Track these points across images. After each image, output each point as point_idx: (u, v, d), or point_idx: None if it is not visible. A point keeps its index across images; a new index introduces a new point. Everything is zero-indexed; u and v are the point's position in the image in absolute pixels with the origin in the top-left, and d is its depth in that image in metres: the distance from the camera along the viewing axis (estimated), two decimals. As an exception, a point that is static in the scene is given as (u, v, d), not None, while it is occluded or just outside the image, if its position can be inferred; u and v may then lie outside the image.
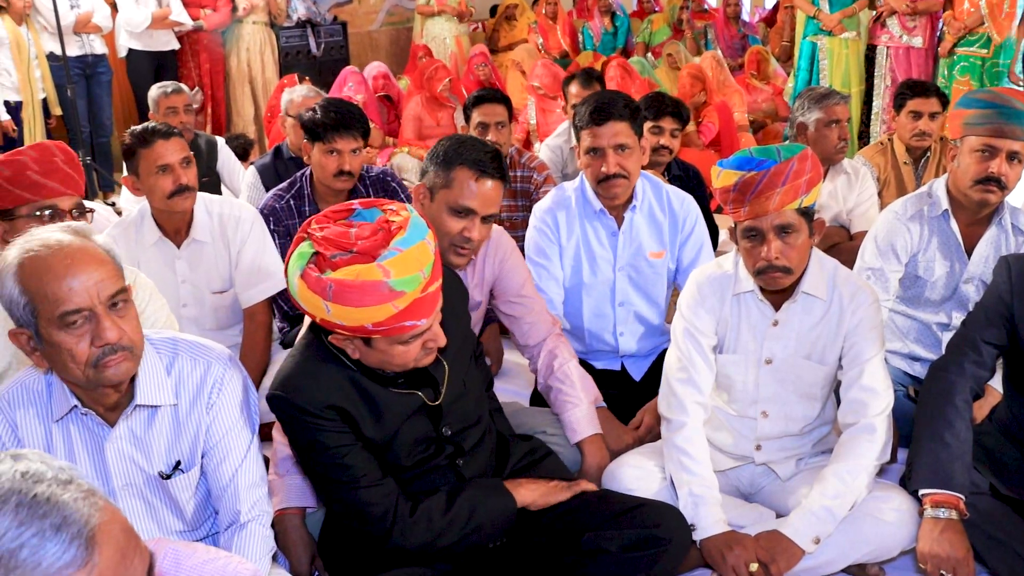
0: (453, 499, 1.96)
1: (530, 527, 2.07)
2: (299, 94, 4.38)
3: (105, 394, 1.72)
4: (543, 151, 4.65)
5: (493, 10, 9.67)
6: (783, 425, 2.32)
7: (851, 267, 2.74)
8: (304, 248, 1.72)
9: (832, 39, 6.24)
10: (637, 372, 2.99)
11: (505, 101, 4.02)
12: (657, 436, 2.49)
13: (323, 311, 1.68)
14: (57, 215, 2.27)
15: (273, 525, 1.96)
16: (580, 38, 9.20)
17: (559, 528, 2.06)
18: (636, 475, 2.32)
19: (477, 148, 2.30)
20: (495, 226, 2.58)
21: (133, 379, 1.74)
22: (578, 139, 2.77)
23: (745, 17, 9.58)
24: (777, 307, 2.24)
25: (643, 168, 2.87)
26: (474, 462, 2.06)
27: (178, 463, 1.84)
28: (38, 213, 2.26)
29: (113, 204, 5.20)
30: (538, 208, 2.93)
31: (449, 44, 8.44)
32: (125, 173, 2.90)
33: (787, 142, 4.02)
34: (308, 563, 2.18)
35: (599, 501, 2.13)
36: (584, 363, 2.82)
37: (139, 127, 2.88)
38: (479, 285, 2.63)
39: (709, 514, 2.15)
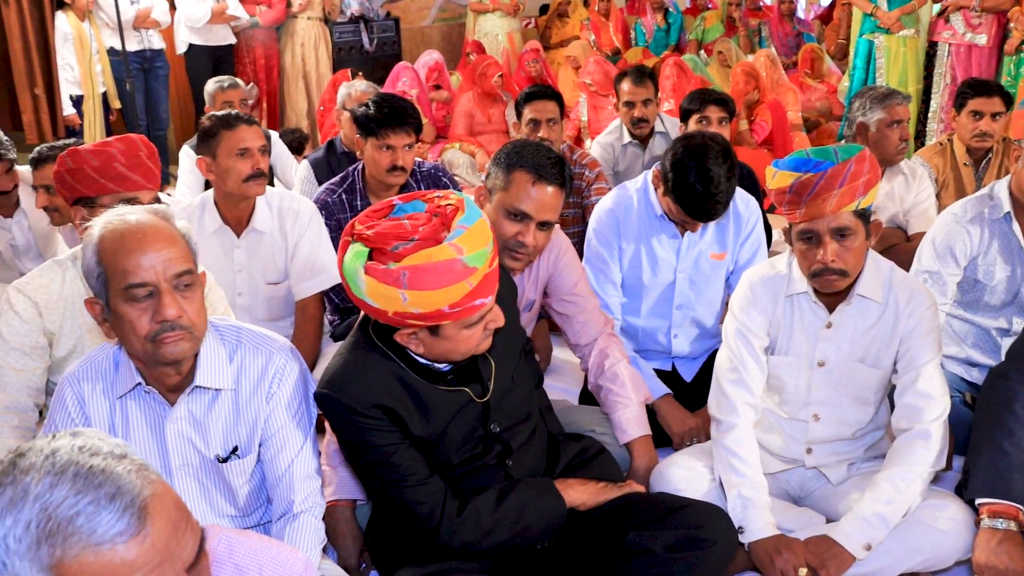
0: (502, 498, 1.95)
1: (576, 526, 2.06)
2: (357, 89, 4.42)
3: (166, 373, 1.75)
4: (594, 148, 4.63)
5: (544, 8, 9.66)
6: (835, 429, 2.29)
7: (908, 268, 2.70)
8: (357, 249, 1.72)
9: (889, 37, 6.12)
10: (688, 373, 2.97)
11: (557, 98, 4.01)
12: (707, 436, 2.47)
13: (398, 302, 1.67)
14: None
15: (324, 517, 1.98)
16: (632, 35, 9.14)
17: (604, 527, 2.05)
18: (684, 475, 2.31)
19: (539, 153, 2.30)
20: None
21: (195, 362, 1.78)
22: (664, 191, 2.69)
23: (800, 14, 9.45)
24: (831, 309, 2.21)
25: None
26: (523, 460, 2.05)
27: (235, 448, 1.88)
28: (119, 204, 2.31)
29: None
30: (599, 208, 2.90)
31: (501, 40, 8.44)
32: (183, 158, 2.96)
33: (843, 142, 3.97)
34: (357, 555, 2.20)
35: (644, 501, 2.13)
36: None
37: (222, 112, 2.97)
38: (533, 284, 2.62)
39: (758, 517, 2.13)
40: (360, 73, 6.42)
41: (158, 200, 2.40)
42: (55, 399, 1.85)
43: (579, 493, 2.08)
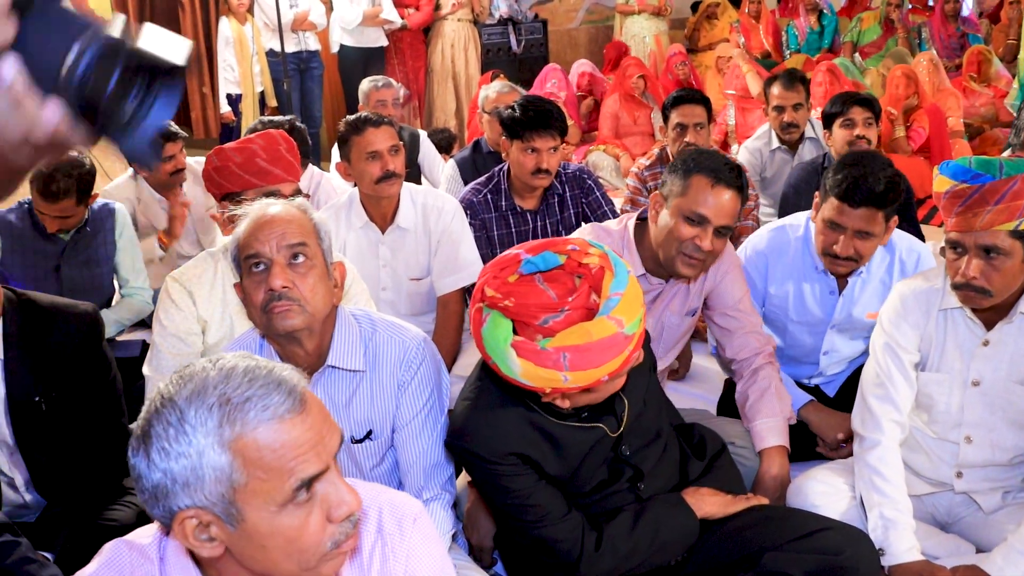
0: (636, 521, 1.92)
1: (705, 538, 2.02)
2: (494, 90, 4.49)
3: (295, 353, 1.84)
4: (742, 153, 4.55)
5: (695, 7, 9.53)
6: (989, 453, 2.17)
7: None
8: (498, 322, 1.66)
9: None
10: (831, 388, 2.88)
11: (704, 102, 3.96)
12: (849, 453, 2.39)
13: (559, 382, 1.62)
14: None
15: (455, 506, 2.02)
16: (784, 37, 8.91)
17: (737, 543, 1.99)
18: (822, 491, 2.24)
19: (717, 159, 2.29)
20: None
21: (329, 344, 1.86)
22: (823, 198, 2.52)
23: (965, 13, 8.96)
24: (989, 326, 2.09)
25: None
26: (654, 482, 2.01)
27: (369, 432, 1.94)
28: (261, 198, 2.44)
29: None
30: (750, 244, 2.79)
31: (648, 43, 8.38)
32: (335, 156, 3.08)
33: (1009, 152, 3.75)
34: (492, 538, 2.22)
35: (780, 518, 2.06)
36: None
37: (353, 116, 3.07)
38: (698, 292, 2.58)
39: (901, 539, 2.04)
40: (501, 74, 6.52)
41: (299, 192, 2.49)
42: None
43: (710, 506, 2.02)
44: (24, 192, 3.67)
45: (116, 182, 4.10)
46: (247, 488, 1.06)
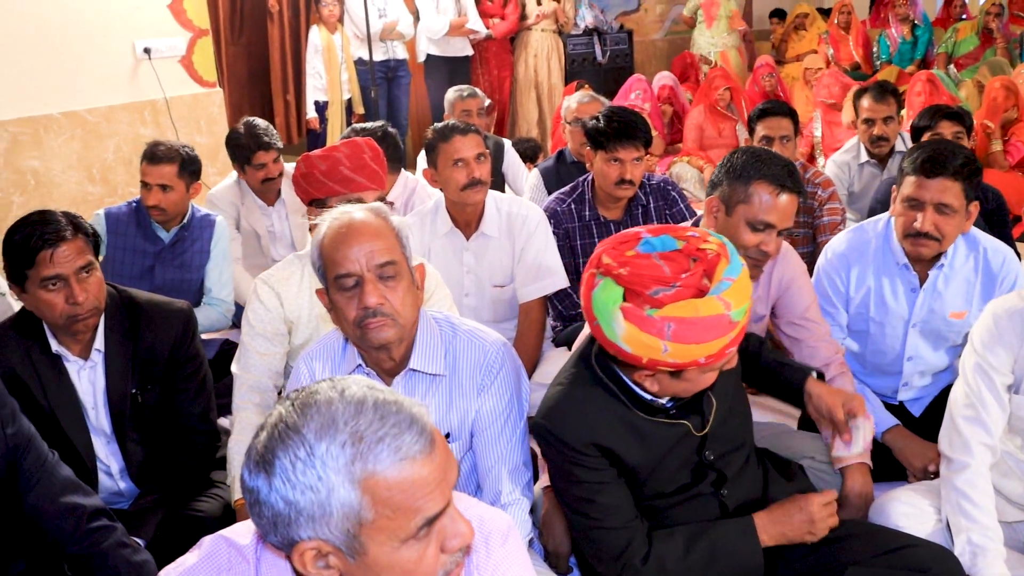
0: (691, 545, 1.89)
1: (788, 551, 1.98)
2: (576, 100, 4.50)
3: (380, 358, 1.87)
4: (829, 167, 4.48)
5: (776, 12, 9.38)
6: (1086, 480, 2.10)
7: None
8: (609, 287, 1.68)
9: None
10: (917, 408, 2.81)
11: (791, 114, 3.91)
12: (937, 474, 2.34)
13: (658, 351, 1.63)
14: None
15: (532, 510, 2.04)
16: (875, 48, 8.72)
17: (821, 556, 1.96)
18: (907, 512, 2.19)
19: (774, 162, 2.27)
20: (786, 244, 2.54)
21: (411, 347, 1.89)
22: (899, 182, 2.56)
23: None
24: (1091, 350, 2.03)
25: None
26: (738, 489, 2.00)
27: (447, 435, 1.96)
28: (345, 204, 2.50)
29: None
30: (831, 250, 2.77)
31: (714, 56, 8.27)
32: (421, 163, 3.14)
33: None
34: (568, 543, 2.22)
35: (864, 533, 2.02)
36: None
37: (440, 124, 3.13)
38: (763, 299, 2.58)
39: (990, 567, 1.97)
40: (587, 84, 6.53)
41: (383, 199, 2.52)
42: (293, 373, 2.05)
43: (778, 535, 1.95)
44: (130, 193, 3.84)
45: (221, 185, 4.22)
46: (373, 525, 1.07)
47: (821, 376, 2.32)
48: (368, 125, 3.96)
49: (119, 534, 1.94)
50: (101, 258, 2.85)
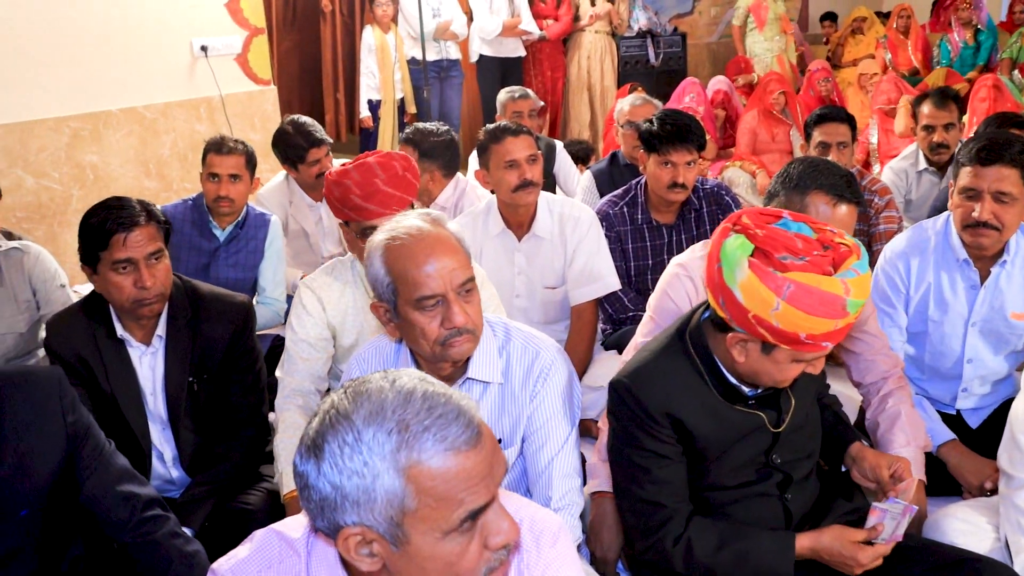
0: (726, 542, 1.88)
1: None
2: (628, 103, 4.49)
3: (442, 367, 1.86)
4: (886, 173, 4.41)
5: (830, 16, 9.23)
6: None
7: None
8: (742, 241, 1.70)
9: None
10: (975, 420, 2.75)
11: (849, 120, 3.85)
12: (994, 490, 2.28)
13: (768, 308, 1.64)
14: None
15: (581, 516, 2.02)
16: (935, 53, 8.54)
17: (872, 571, 1.90)
18: (963, 530, 2.14)
19: (832, 172, 2.23)
20: None
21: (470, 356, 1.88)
22: (955, 176, 2.53)
23: None
24: None
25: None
26: (802, 495, 1.98)
27: (499, 440, 1.94)
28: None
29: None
30: (890, 249, 2.74)
31: (770, 63, 8.15)
32: (472, 163, 3.14)
33: None
34: (616, 550, 2.22)
35: (920, 548, 1.98)
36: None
37: (492, 125, 3.14)
38: None
39: (1052, 588, 1.93)
40: (639, 86, 6.50)
41: (411, 206, 2.49)
42: (344, 376, 2.06)
43: (823, 555, 1.89)
44: (185, 193, 3.90)
45: (270, 184, 4.26)
46: (416, 514, 1.08)
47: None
48: (429, 125, 3.97)
49: (172, 524, 1.97)
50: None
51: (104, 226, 2.25)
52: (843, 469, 2.16)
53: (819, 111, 3.94)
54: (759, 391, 1.87)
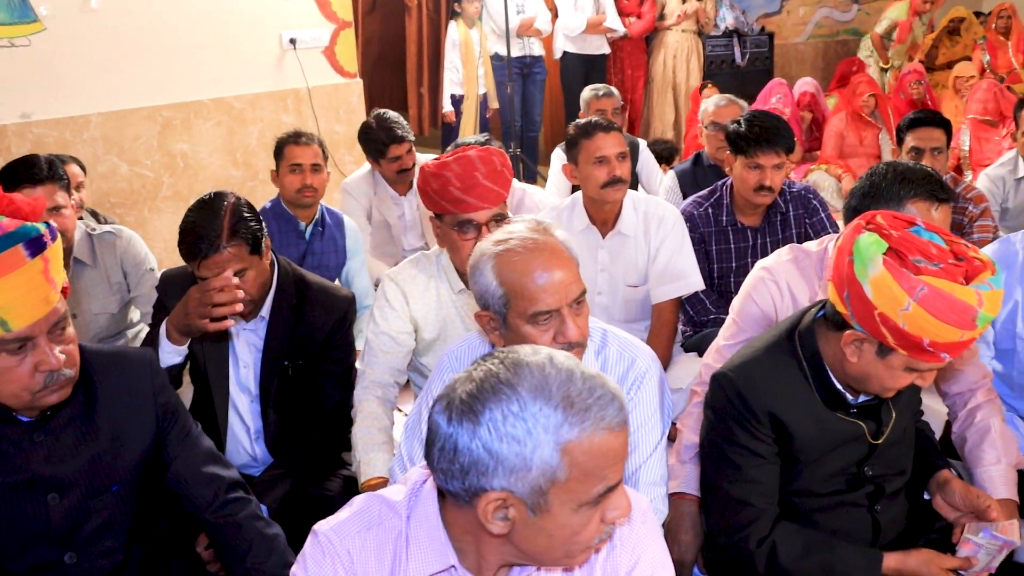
0: (811, 551, 1.85)
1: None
2: (713, 103, 4.42)
3: None
4: (982, 180, 4.27)
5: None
6: None
7: None
8: (875, 239, 1.66)
9: None
10: (1073, 436, 2.65)
11: (944, 125, 3.74)
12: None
13: (897, 307, 1.61)
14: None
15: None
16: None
17: None
18: (1058, 553, 2.07)
19: (922, 175, 2.16)
20: None
21: None
22: None
23: None
24: None
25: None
26: (892, 510, 1.94)
27: None
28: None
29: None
30: None
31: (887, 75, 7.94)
32: (555, 160, 3.12)
33: None
34: (694, 553, 2.21)
35: (1013, 571, 1.94)
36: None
37: (583, 120, 3.13)
38: None
39: None
40: (709, 85, 6.41)
41: (503, 216, 2.43)
42: (435, 370, 2.04)
43: (917, 563, 1.88)
44: (270, 183, 3.96)
45: (355, 175, 4.32)
46: (563, 486, 1.14)
47: None
48: (469, 139, 3.88)
49: (253, 506, 2.00)
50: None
51: (189, 250, 2.26)
52: (925, 496, 2.10)
53: (913, 115, 3.83)
54: (861, 400, 1.83)
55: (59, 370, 1.64)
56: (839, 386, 1.82)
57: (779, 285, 2.42)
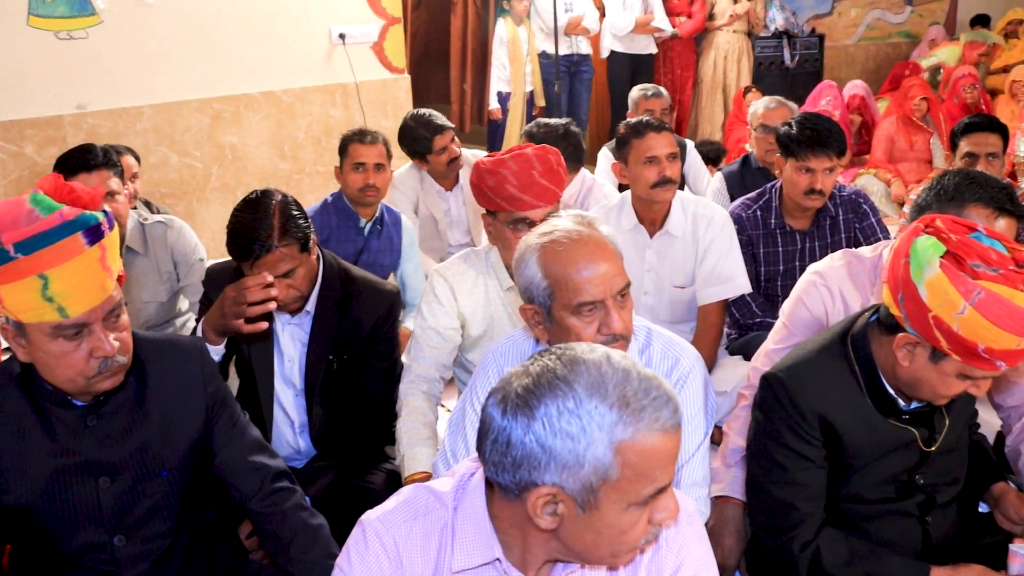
0: (857, 559, 1.83)
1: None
2: (762, 105, 4.37)
3: None
4: (1038, 188, 4.17)
5: (981, 19, 8.79)
6: None
7: None
8: (933, 242, 1.64)
9: None
10: None
11: (1001, 130, 3.66)
12: None
13: (952, 310, 1.58)
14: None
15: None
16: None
17: None
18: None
19: (990, 184, 2.12)
20: None
21: None
22: None
23: None
24: None
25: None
26: (943, 521, 1.91)
27: None
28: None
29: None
30: None
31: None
32: (601, 159, 3.10)
33: None
34: (737, 556, 2.19)
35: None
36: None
37: (635, 119, 3.12)
38: None
39: None
40: (754, 88, 6.35)
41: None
42: (480, 367, 2.04)
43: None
44: (317, 176, 4.00)
45: (401, 171, 4.32)
46: (614, 484, 1.14)
47: None
48: (551, 121, 3.96)
49: (298, 497, 2.02)
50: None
51: (240, 251, 2.28)
52: (981, 508, 2.06)
53: (968, 119, 3.75)
54: (914, 406, 1.81)
55: (113, 356, 1.66)
56: (891, 391, 1.80)
57: (831, 290, 2.39)
